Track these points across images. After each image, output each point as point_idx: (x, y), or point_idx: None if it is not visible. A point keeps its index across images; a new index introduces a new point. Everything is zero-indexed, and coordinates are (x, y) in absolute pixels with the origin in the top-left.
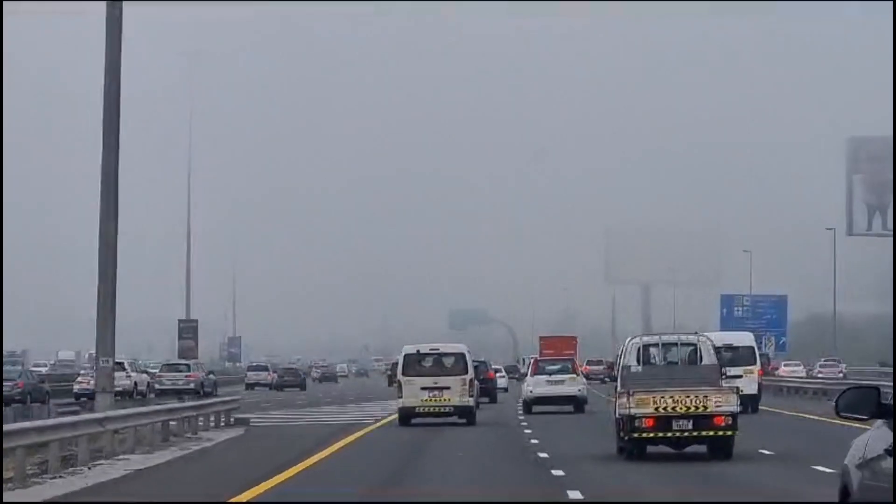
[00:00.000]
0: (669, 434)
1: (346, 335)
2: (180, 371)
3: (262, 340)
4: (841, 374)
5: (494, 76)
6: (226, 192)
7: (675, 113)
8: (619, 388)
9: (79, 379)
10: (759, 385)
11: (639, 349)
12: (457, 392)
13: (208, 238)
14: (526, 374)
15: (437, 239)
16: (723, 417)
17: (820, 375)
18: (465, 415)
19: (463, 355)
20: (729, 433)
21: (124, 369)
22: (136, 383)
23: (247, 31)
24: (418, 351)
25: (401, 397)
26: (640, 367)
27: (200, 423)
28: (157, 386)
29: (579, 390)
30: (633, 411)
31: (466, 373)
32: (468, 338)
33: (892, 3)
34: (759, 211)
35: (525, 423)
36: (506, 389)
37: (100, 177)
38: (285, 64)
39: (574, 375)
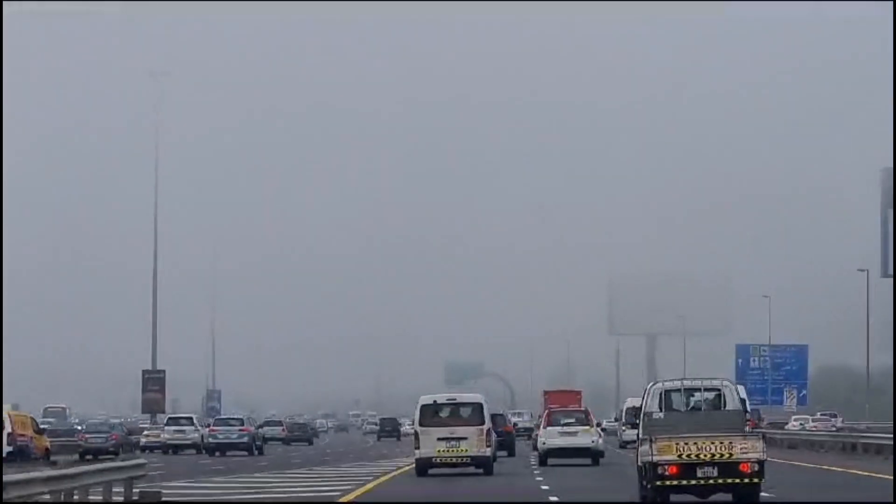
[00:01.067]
0: (694, 481)
1: (338, 390)
2: (232, 425)
3: (244, 394)
4: (833, 428)
5: (489, 130)
6: (208, 241)
7: (681, 153)
8: (640, 435)
9: (146, 433)
10: None
11: (661, 395)
12: (474, 443)
13: (187, 287)
14: (538, 426)
15: (432, 291)
16: (748, 464)
17: (813, 429)
18: (483, 465)
19: (480, 405)
20: (755, 480)
21: (192, 423)
22: (202, 437)
23: (233, 79)
24: (435, 401)
25: (418, 448)
26: (662, 414)
27: (76, 497)
28: (210, 440)
29: (593, 441)
30: (655, 458)
31: (483, 423)
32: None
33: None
34: (776, 254)
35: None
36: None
37: None
38: (277, 105)
39: (588, 427)
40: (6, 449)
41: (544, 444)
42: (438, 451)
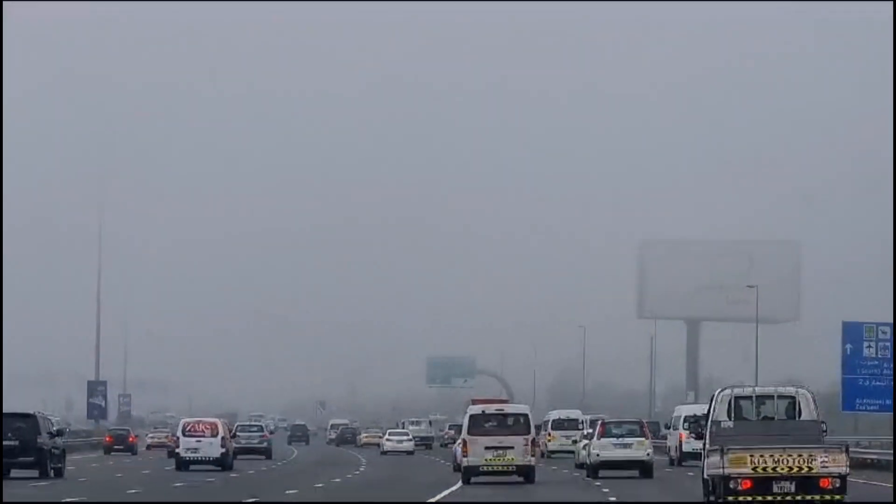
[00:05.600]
0: (770, 497)
1: (305, 388)
2: (253, 431)
3: (198, 392)
4: None
5: (482, 116)
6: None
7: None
8: (708, 446)
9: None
10: None
11: (730, 402)
12: (519, 452)
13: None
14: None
15: (414, 275)
16: (829, 479)
17: None
18: (526, 474)
19: (526, 416)
20: (837, 497)
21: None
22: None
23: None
24: (483, 411)
25: (465, 456)
26: (731, 423)
27: None
28: (233, 445)
29: (647, 454)
30: (727, 471)
31: (529, 433)
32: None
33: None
34: (856, 216)
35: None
36: None
37: None
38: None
39: (642, 439)
40: None
41: (598, 455)
42: (486, 459)
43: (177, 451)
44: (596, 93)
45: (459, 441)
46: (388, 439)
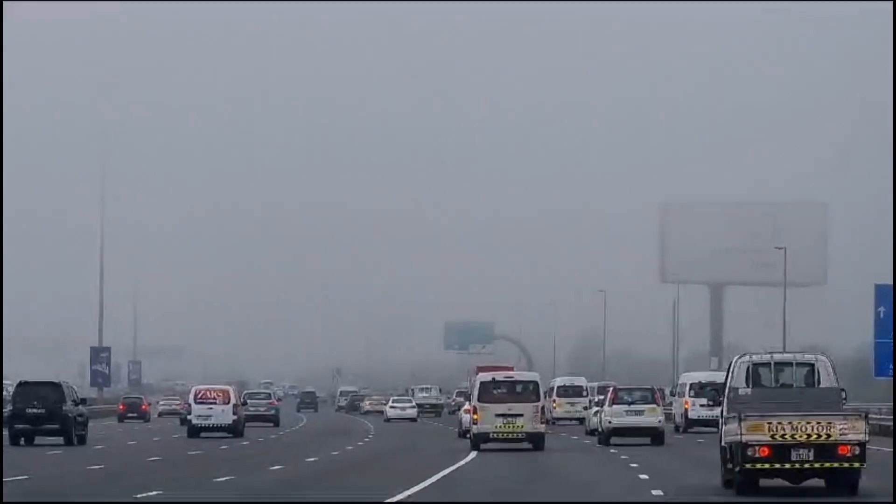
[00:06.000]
0: (787, 465)
1: (323, 356)
2: (261, 399)
3: (214, 360)
4: None
5: (498, 80)
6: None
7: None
8: (725, 413)
9: (162, 401)
10: None
11: (748, 369)
12: (529, 419)
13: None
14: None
15: (433, 241)
16: (849, 447)
17: None
18: (535, 441)
19: (536, 383)
20: (856, 465)
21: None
22: None
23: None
24: (493, 378)
25: (475, 423)
26: (749, 390)
27: None
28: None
29: (659, 421)
30: (744, 438)
31: (538, 400)
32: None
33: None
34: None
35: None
36: None
37: None
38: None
39: (654, 406)
40: None
41: (610, 422)
42: (497, 426)
43: (188, 417)
44: (615, 54)
45: (468, 407)
46: (391, 406)
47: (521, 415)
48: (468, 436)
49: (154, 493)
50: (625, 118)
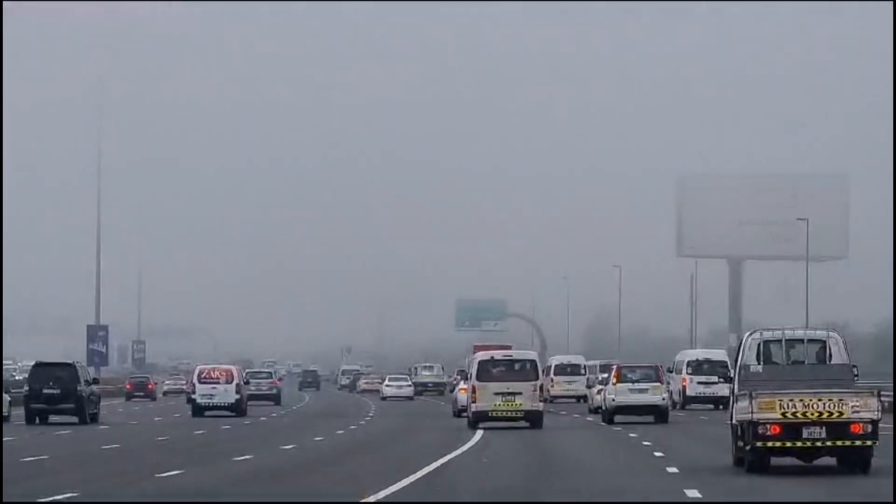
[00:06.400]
0: (799, 443)
1: (333, 335)
2: (263, 378)
3: (222, 338)
4: None
5: (512, 53)
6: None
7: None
8: (736, 391)
9: (168, 381)
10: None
11: (759, 346)
12: (527, 397)
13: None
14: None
15: (444, 217)
16: (861, 425)
17: None
18: (533, 419)
19: (534, 362)
20: (868, 443)
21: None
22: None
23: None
24: (492, 357)
25: (474, 402)
26: (760, 367)
27: None
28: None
29: (663, 399)
30: (755, 416)
31: (537, 378)
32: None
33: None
34: None
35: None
36: None
37: None
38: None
39: (658, 384)
40: None
41: (613, 400)
42: (495, 405)
43: (193, 396)
44: (633, 26)
45: (466, 386)
46: (387, 385)
47: (520, 393)
48: (463, 415)
49: (175, 472)
50: (641, 90)
